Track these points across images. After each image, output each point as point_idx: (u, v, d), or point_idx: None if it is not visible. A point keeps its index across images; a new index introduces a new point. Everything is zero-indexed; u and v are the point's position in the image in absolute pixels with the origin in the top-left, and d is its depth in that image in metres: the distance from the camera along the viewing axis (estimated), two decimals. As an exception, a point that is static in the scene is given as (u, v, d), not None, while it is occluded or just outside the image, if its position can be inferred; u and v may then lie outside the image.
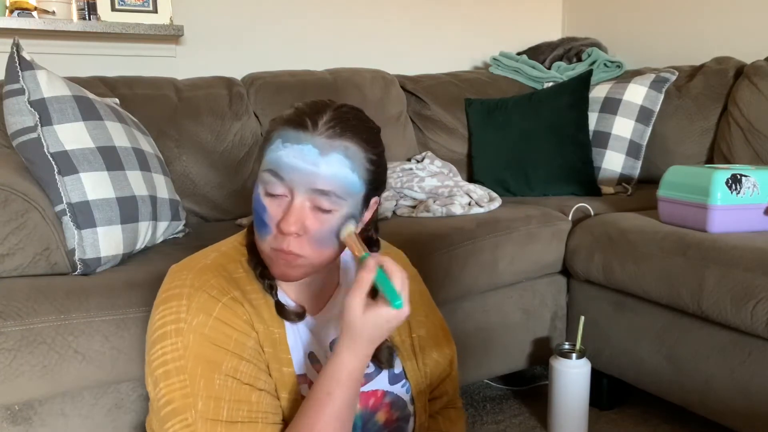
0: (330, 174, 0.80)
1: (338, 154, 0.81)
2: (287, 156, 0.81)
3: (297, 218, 0.81)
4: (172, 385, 0.80)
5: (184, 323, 0.81)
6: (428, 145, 2.29)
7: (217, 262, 0.88)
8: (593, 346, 1.66)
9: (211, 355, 0.80)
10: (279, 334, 0.87)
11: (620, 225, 1.60)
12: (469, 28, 2.70)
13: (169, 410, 0.80)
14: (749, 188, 1.43)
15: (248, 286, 0.88)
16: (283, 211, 0.82)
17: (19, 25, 1.76)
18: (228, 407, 0.80)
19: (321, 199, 0.81)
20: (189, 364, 0.80)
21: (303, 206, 0.81)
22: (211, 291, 0.83)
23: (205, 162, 1.83)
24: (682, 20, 2.47)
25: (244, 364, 0.82)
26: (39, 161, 1.26)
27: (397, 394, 0.97)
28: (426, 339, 1.03)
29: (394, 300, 0.79)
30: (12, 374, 1.05)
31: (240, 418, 0.80)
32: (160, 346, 0.82)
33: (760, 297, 1.25)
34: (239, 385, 0.81)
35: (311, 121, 0.81)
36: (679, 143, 2.17)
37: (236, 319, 0.83)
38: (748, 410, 1.33)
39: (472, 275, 1.56)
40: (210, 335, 0.81)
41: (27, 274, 1.20)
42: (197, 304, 0.82)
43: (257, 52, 2.24)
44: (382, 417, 0.96)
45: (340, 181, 0.81)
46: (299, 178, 0.80)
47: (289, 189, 0.81)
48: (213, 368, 0.80)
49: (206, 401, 0.79)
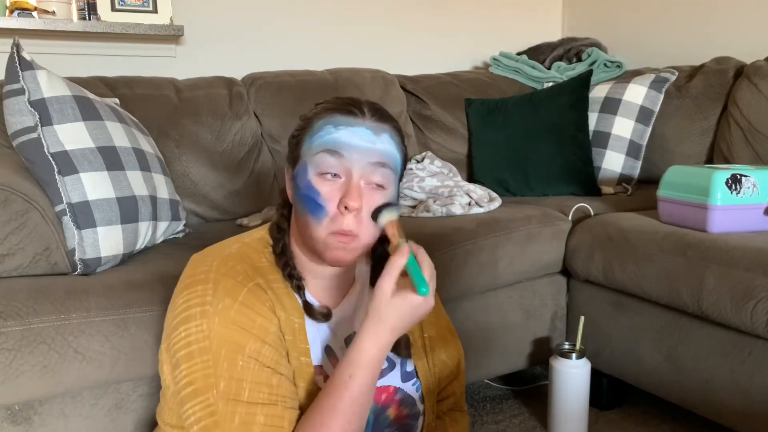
0: (384, 149, 0.88)
1: (387, 135, 0.89)
2: (344, 136, 0.86)
3: (359, 194, 0.85)
4: (194, 365, 0.82)
5: (210, 306, 0.83)
6: (428, 145, 2.29)
7: (241, 251, 0.90)
8: (593, 346, 1.66)
9: (235, 338, 0.82)
10: (299, 324, 0.89)
11: (620, 225, 1.60)
12: (469, 28, 2.70)
13: (190, 391, 0.82)
14: (749, 188, 1.43)
15: (271, 276, 0.90)
16: (339, 191, 0.85)
17: (19, 25, 1.76)
18: (249, 388, 0.81)
19: (377, 173, 0.86)
20: (213, 345, 0.81)
21: (360, 184, 0.86)
22: (237, 277, 0.85)
23: (205, 162, 1.83)
24: (682, 20, 2.47)
25: (267, 348, 0.84)
26: (39, 161, 1.26)
27: (407, 391, 0.98)
28: (436, 340, 1.04)
29: (421, 286, 0.81)
30: (12, 374, 1.05)
31: (260, 400, 0.81)
32: (184, 327, 0.83)
33: (760, 297, 1.25)
34: (261, 367, 0.82)
35: (358, 109, 0.88)
36: (679, 143, 2.17)
37: (260, 305, 0.85)
38: (748, 410, 1.33)
39: (472, 275, 1.56)
40: (235, 318, 0.83)
41: (27, 274, 1.20)
42: (223, 288, 0.84)
43: (257, 52, 2.24)
44: (393, 413, 0.97)
45: (392, 156, 0.89)
46: (358, 153, 0.85)
47: (345, 168, 0.85)
48: (237, 350, 0.82)
49: (228, 382, 0.81)
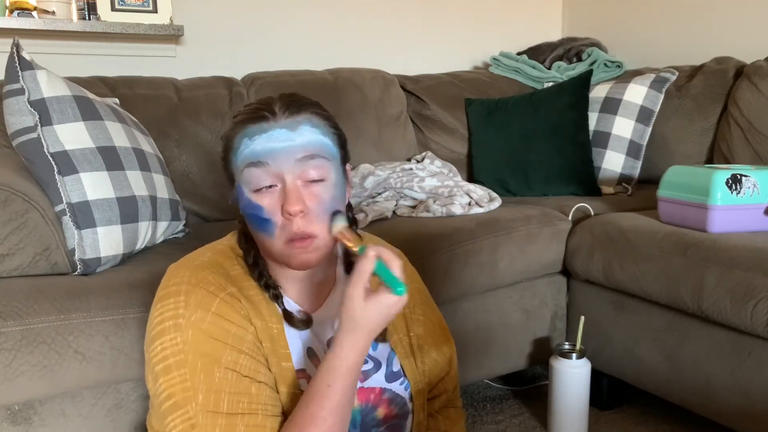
0: (306, 141, 0.84)
1: (305, 125, 0.85)
2: (261, 144, 0.83)
3: (297, 196, 0.82)
4: (172, 379, 0.81)
5: (183, 318, 0.82)
6: (428, 145, 2.29)
7: (213, 259, 0.89)
8: (593, 346, 1.66)
9: (210, 349, 0.81)
10: (278, 330, 0.88)
11: (620, 225, 1.60)
12: (469, 28, 2.70)
13: (170, 404, 0.81)
14: (749, 188, 1.43)
15: (245, 283, 0.89)
16: (279, 199, 0.83)
17: (19, 25, 1.76)
18: (228, 399, 0.81)
19: (309, 167, 0.84)
20: (189, 358, 0.81)
21: (296, 185, 0.83)
22: (209, 287, 0.84)
23: (205, 162, 1.83)
24: (682, 20, 2.47)
25: (243, 357, 0.83)
26: (39, 161, 1.26)
27: (395, 391, 0.98)
28: (424, 337, 1.03)
29: (397, 286, 0.80)
30: (12, 374, 1.05)
31: (240, 410, 0.81)
32: (159, 342, 0.82)
33: (760, 297, 1.25)
34: (239, 377, 0.82)
35: (268, 112, 0.84)
36: (679, 143, 2.17)
37: (234, 314, 0.84)
38: (748, 410, 1.33)
39: (472, 275, 1.56)
40: (209, 330, 0.82)
41: (27, 274, 1.20)
42: (195, 300, 0.83)
43: (257, 52, 2.24)
44: (382, 412, 0.96)
45: (319, 144, 0.85)
46: (281, 156, 0.83)
47: (276, 176, 0.83)
48: (212, 362, 0.81)
49: (206, 394, 0.80)
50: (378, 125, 2.13)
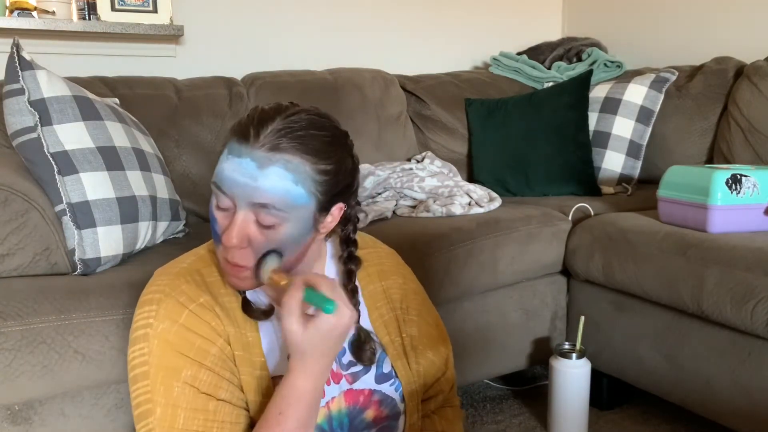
0: (268, 187, 0.78)
1: (277, 168, 0.78)
2: (228, 169, 0.80)
3: (239, 231, 0.79)
4: (138, 389, 0.82)
5: (151, 329, 0.83)
6: (428, 145, 2.29)
7: (192, 266, 0.89)
8: (593, 346, 1.66)
9: (171, 362, 0.82)
10: (252, 338, 0.88)
11: (620, 225, 1.60)
12: (469, 28, 2.70)
13: (137, 413, 0.82)
14: (749, 188, 1.43)
15: (222, 290, 0.88)
16: (229, 223, 0.81)
17: (19, 25, 1.76)
18: (184, 416, 0.81)
19: (261, 213, 0.79)
20: (151, 370, 0.81)
21: (246, 220, 0.80)
22: (180, 297, 0.84)
23: (205, 162, 1.83)
24: (682, 20, 2.47)
25: (204, 372, 0.83)
26: (39, 161, 1.26)
27: (385, 392, 0.97)
28: (418, 338, 1.03)
29: (326, 305, 0.77)
30: (12, 374, 1.05)
31: (195, 427, 0.81)
32: (132, 350, 0.84)
33: (760, 297, 1.25)
34: (196, 393, 0.82)
35: (254, 132, 0.79)
36: (679, 143, 2.17)
37: (202, 326, 0.84)
38: (748, 410, 1.33)
39: (472, 275, 1.56)
40: (173, 341, 0.82)
41: (27, 274, 1.20)
42: (165, 310, 0.83)
43: (257, 52, 2.24)
44: (371, 414, 0.95)
45: (281, 195, 0.78)
46: (239, 191, 0.79)
47: (231, 203, 0.81)
48: (172, 375, 0.81)
49: (164, 408, 0.81)
50: (378, 125, 2.13)
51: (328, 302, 0.77)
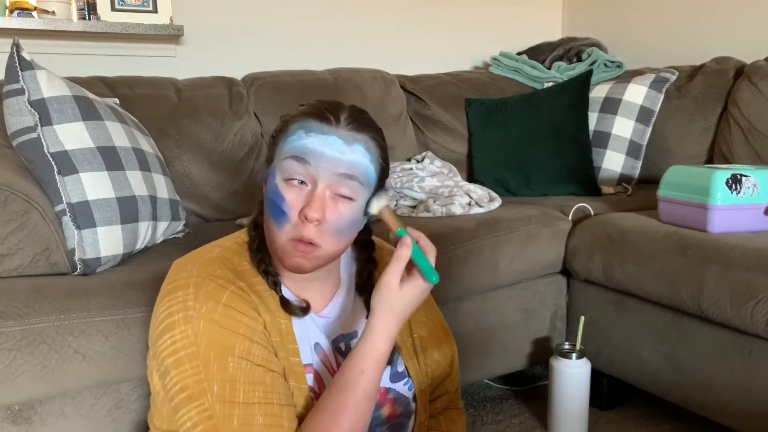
0: (354, 161, 0.84)
1: (361, 146, 0.85)
2: (313, 143, 0.83)
3: (321, 205, 0.83)
4: (184, 372, 0.81)
5: (193, 311, 0.82)
6: (428, 145, 2.29)
7: (221, 255, 0.90)
8: (593, 346, 1.66)
9: (222, 340, 0.81)
10: (286, 325, 0.89)
11: (620, 225, 1.60)
12: (469, 28, 2.70)
13: (183, 397, 0.81)
14: (749, 188, 1.43)
15: (253, 278, 0.89)
16: (304, 199, 0.84)
17: (19, 25, 1.76)
18: (244, 389, 0.81)
19: (344, 185, 0.84)
20: (201, 350, 0.81)
21: (324, 195, 0.84)
22: (218, 280, 0.85)
23: (205, 162, 1.83)
24: (682, 20, 2.47)
25: (256, 346, 0.83)
26: (39, 161, 1.26)
27: (399, 391, 0.98)
28: (427, 339, 1.04)
29: (431, 275, 0.82)
30: (12, 374, 1.05)
31: (257, 399, 0.81)
32: (169, 335, 0.82)
33: (760, 297, 1.25)
34: (252, 366, 0.82)
35: (333, 116, 0.85)
36: (679, 143, 2.17)
37: (244, 305, 0.85)
38: (748, 410, 1.33)
39: (472, 275, 1.56)
40: (220, 320, 0.82)
41: (27, 274, 1.20)
42: (205, 291, 0.83)
43: (257, 52, 2.24)
44: (386, 411, 0.97)
45: (363, 169, 0.85)
46: (326, 163, 0.83)
47: (311, 176, 0.84)
48: (226, 352, 0.81)
49: (221, 384, 0.80)
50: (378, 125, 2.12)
51: (433, 273, 0.82)
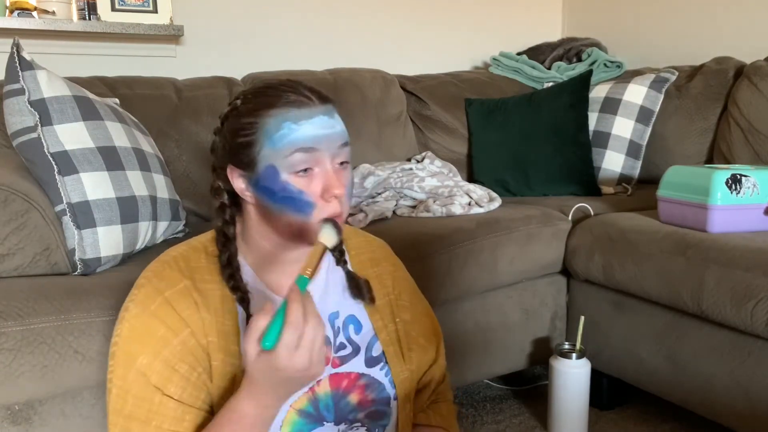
0: (342, 129, 0.89)
1: (335, 113, 0.90)
2: (309, 130, 0.84)
3: (338, 180, 0.85)
4: (109, 368, 0.86)
5: (125, 312, 0.86)
6: (428, 145, 2.29)
7: (182, 253, 0.91)
8: (593, 346, 1.66)
9: (132, 348, 0.84)
10: (230, 327, 0.87)
11: (620, 225, 1.60)
12: (469, 28, 2.70)
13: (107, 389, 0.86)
14: (749, 188, 1.43)
15: (206, 276, 0.89)
16: (322, 181, 0.85)
17: (19, 25, 1.76)
18: (132, 402, 0.83)
19: (342, 154, 0.87)
20: (117, 352, 0.85)
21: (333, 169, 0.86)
22: (159, 283, 0.87)
23: (205, 162, 1.83)
24: (682, 20, 2.47)
25: (159, 363, 0.83)
26: (39, 161, 1.26)
27: (373, 377, 0.96)
28: (411, 324, 1.03)
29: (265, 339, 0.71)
30: (12, 374, 1.05)
31: (138, 416, 0.82)
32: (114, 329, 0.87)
33: (760, 297, 1.25)
34: (146, 383, 0.83)
35: (305, 97, 0.87)
36: (679, 143, 2.17)
37: (170, 316, 0.84)
38: (748, 410, 1.33)
39: (472, 275, 1.56)
40: (138, 328, 0.84)
41: (27, 274, 1.20)
42: (142, 295, 0.86)
43: (257, 52, 2.24)
44: (355, 398, 0.95)
45: (346, 132, 0.90)
46: (327, 143, 0.85)
47: (317, 160, 0.85)
48: (130, 361, 0.83)
49: (117, 391, 0.83)
50: (378, 125, 2.13)
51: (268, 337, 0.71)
